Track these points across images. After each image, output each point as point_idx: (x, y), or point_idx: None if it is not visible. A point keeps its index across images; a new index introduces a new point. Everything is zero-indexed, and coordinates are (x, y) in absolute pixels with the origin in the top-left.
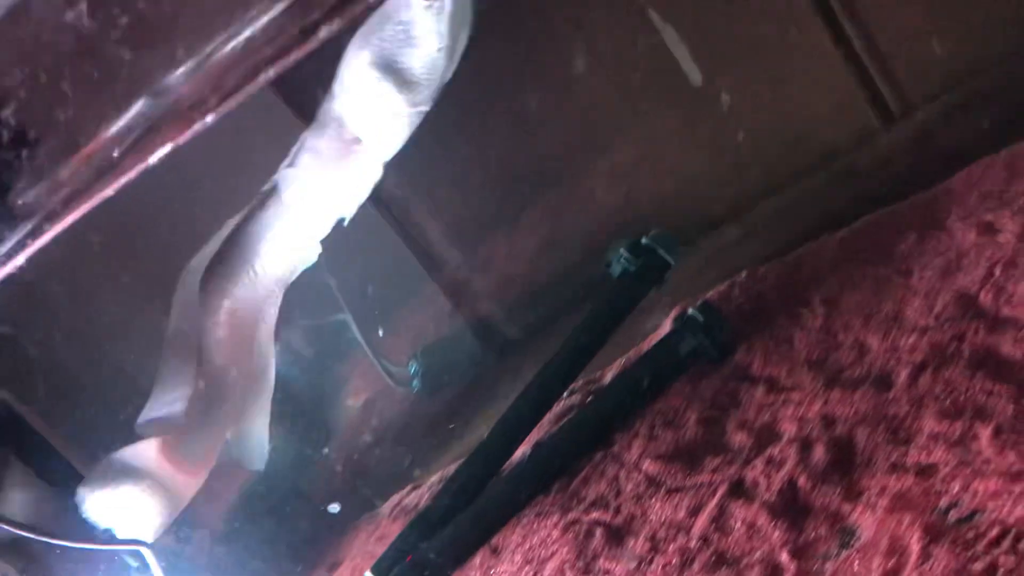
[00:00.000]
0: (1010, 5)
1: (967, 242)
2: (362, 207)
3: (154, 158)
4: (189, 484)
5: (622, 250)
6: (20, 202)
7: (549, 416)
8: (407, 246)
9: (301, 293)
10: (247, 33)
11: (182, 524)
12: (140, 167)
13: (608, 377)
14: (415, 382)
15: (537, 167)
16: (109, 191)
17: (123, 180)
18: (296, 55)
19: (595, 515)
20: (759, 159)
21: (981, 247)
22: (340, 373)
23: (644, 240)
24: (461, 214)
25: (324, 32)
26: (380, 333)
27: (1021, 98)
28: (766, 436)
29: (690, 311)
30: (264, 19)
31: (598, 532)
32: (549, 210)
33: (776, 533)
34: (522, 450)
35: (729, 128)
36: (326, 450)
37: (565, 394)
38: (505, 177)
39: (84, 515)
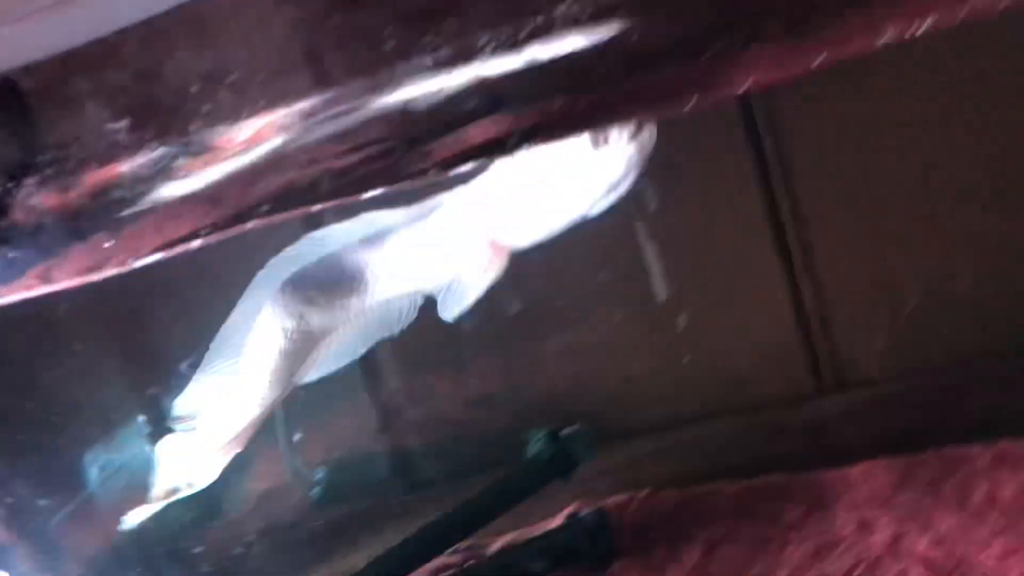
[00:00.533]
0: (965, 319)
1: (843, 532)
2: None
3: None
4: None
5: (540, 435)
6: None
7: (424, 570)
8: None
9: None
10: None
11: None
12: None
13: (493, 547)
14: (316, 490)
15: (501, 324)
16: None
17: None
18: None
19: None
20: (696, 386)
21: (853, 542)
22: (252, 450)
23: (564, 432)
24: (417, 341)
25: None
26: (296, 436)
27: (946, 407)
28: None
29: (583, 512)
30: None
31: None
32: (501, 367)
33: None
34: None
35: (680, 348)
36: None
37: (446, 552)
38: (467, 324)
39: None
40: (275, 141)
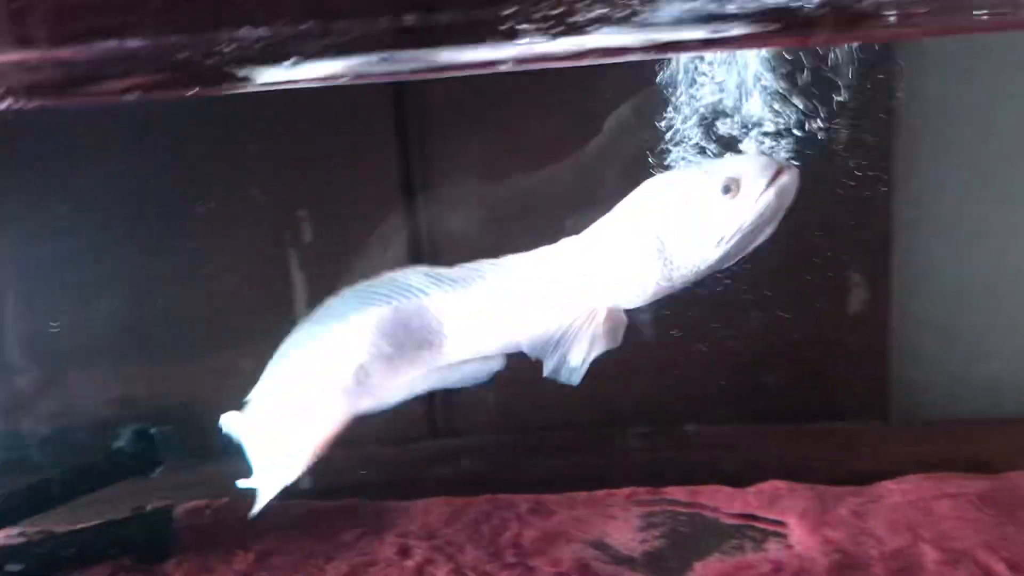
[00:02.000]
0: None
1: (384, 554)
2: None
3: None
4: None
5: (128, 430)
6: None
7: None
8: None
9: None
10: None
11: None
12: None
13: (59, 530)
14: None
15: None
16: None
17: None
18: None
19: None
20: None
21: (389, 564)
22: None
23: (152, 431)
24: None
25: None
26: None
27: (515, 462)
28: None
29: (148, 508)
30: None
31: None
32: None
33: None
34: None
35: None
36: None
37: (16, 532)
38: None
39: None
40: None
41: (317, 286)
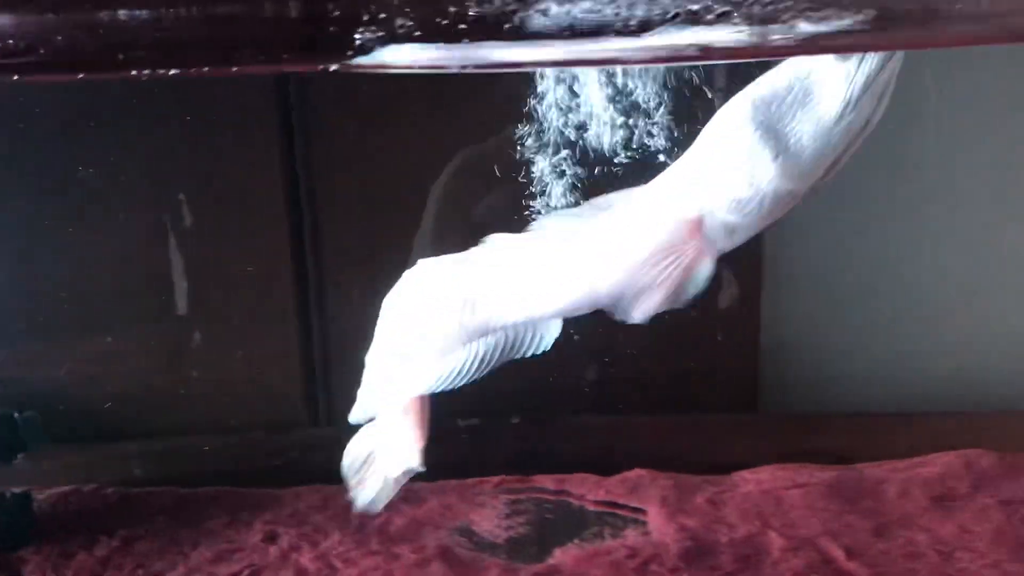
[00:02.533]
0: None
1: (250, 541)
2: None
3: None
4: None
5: None
6: None
7: None
8: None
9: None
10: None
11: None
12: None
13: None
14: None
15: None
16: None
17: None
18: None
19: None
20: (198, 400)
21: (254, 550)
22: None
23: (16, 415)
24: None
25: None
26: None
27: None
28: None
29: (7, 494)
30: None
31: None
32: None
33: None
34: None
35: (190, 363)
36: None
37: None
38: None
39: None
40: None
41: (193, 276)
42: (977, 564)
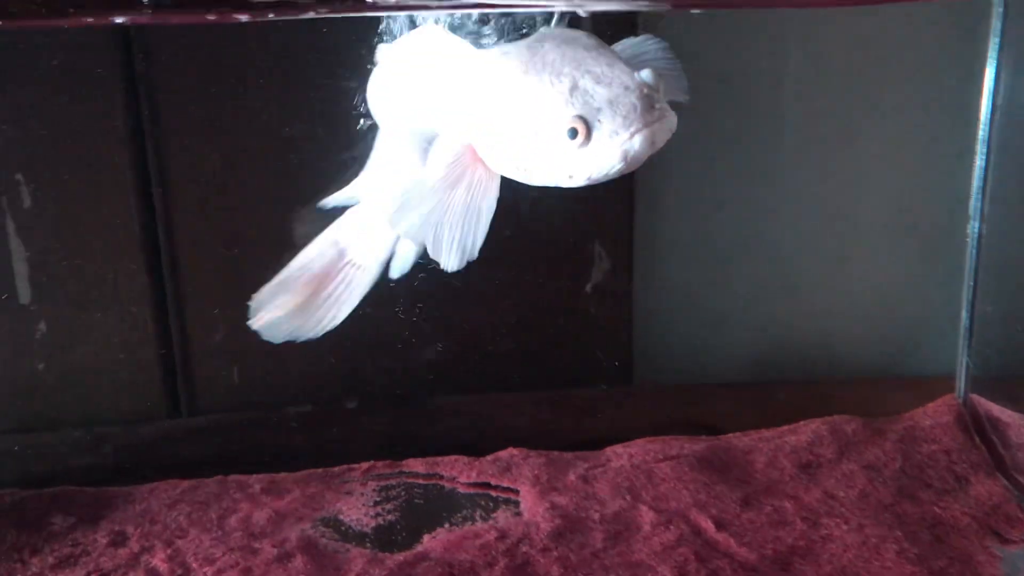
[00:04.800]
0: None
1: (97, 543)
2: None
3: None
4: None
5: None
6: None
7: None
8: None
9: None
10: None
11: None
12: None
13: None
14: None
15: None
16: None
17: None
18: None
19: None
20: (47, 393)
21: (101, 553)
22: None
23: None
24: None
25: None
26: None
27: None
28: None
29: None
30: None
31: None
32: None
33: None
34: None
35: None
36: None
37: None
38: None
39: None
40: None
41: (29, 240)
42: (841, 529)
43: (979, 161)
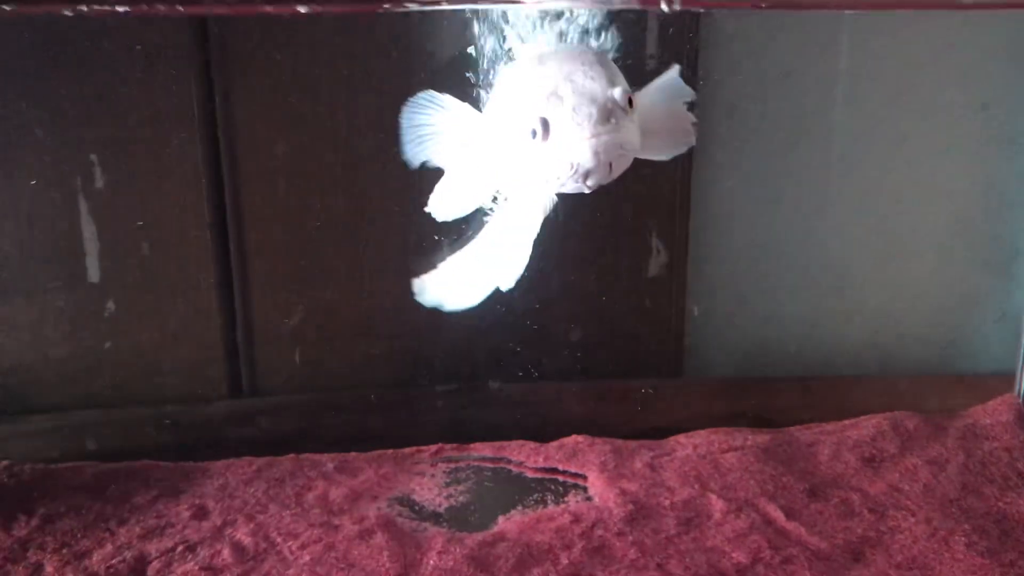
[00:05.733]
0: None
1: (180, 517)
2: None
3: None
4: None
5: None
6: None
7: None
8: None
9: None
10: None
11: None
12: None
13: None
14: None
15: None
16: None
17: None
18: None
19: None
20: (113, 372)
21: (185, 526)
22: None
23: None
24: None
25: None
26: None
27: (316, 421)
28: None
29: None
30: None
31: None
32: None
33: None
34: None
35: (103, 333)
36: None
37: None
38: None
39: None
40: None
41: (104, 227)
42: (909, 521)
43: None
